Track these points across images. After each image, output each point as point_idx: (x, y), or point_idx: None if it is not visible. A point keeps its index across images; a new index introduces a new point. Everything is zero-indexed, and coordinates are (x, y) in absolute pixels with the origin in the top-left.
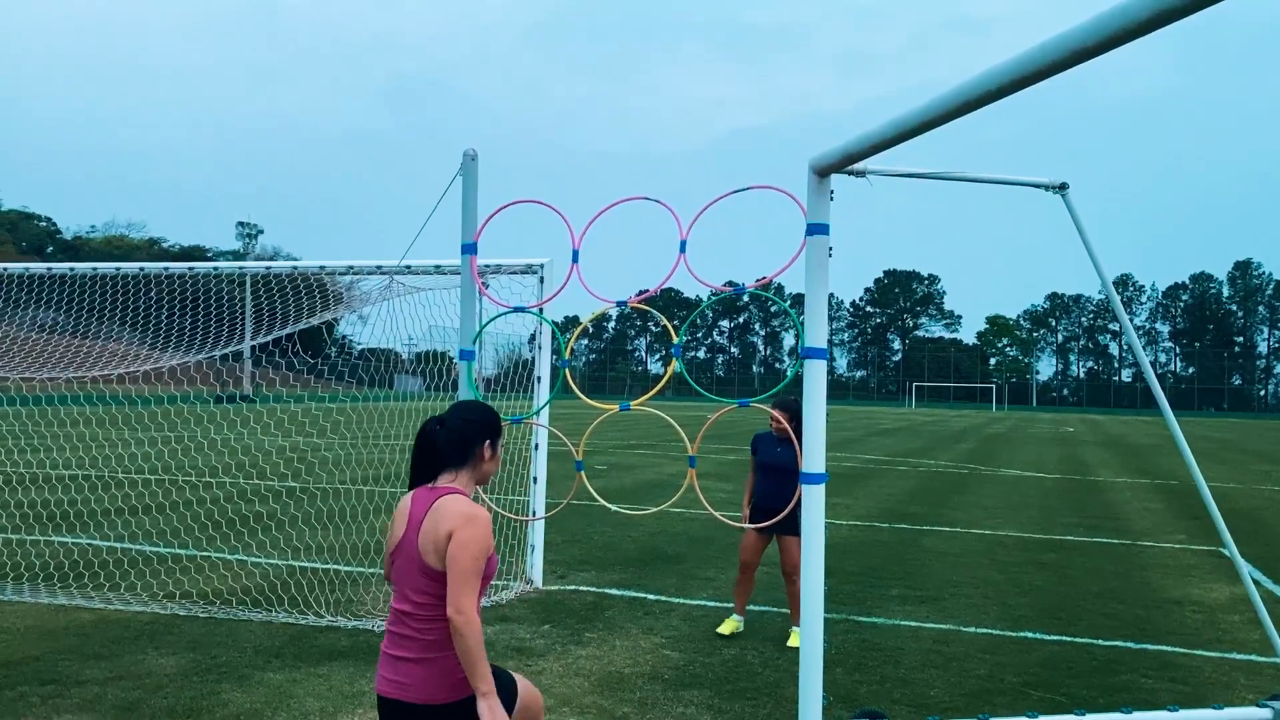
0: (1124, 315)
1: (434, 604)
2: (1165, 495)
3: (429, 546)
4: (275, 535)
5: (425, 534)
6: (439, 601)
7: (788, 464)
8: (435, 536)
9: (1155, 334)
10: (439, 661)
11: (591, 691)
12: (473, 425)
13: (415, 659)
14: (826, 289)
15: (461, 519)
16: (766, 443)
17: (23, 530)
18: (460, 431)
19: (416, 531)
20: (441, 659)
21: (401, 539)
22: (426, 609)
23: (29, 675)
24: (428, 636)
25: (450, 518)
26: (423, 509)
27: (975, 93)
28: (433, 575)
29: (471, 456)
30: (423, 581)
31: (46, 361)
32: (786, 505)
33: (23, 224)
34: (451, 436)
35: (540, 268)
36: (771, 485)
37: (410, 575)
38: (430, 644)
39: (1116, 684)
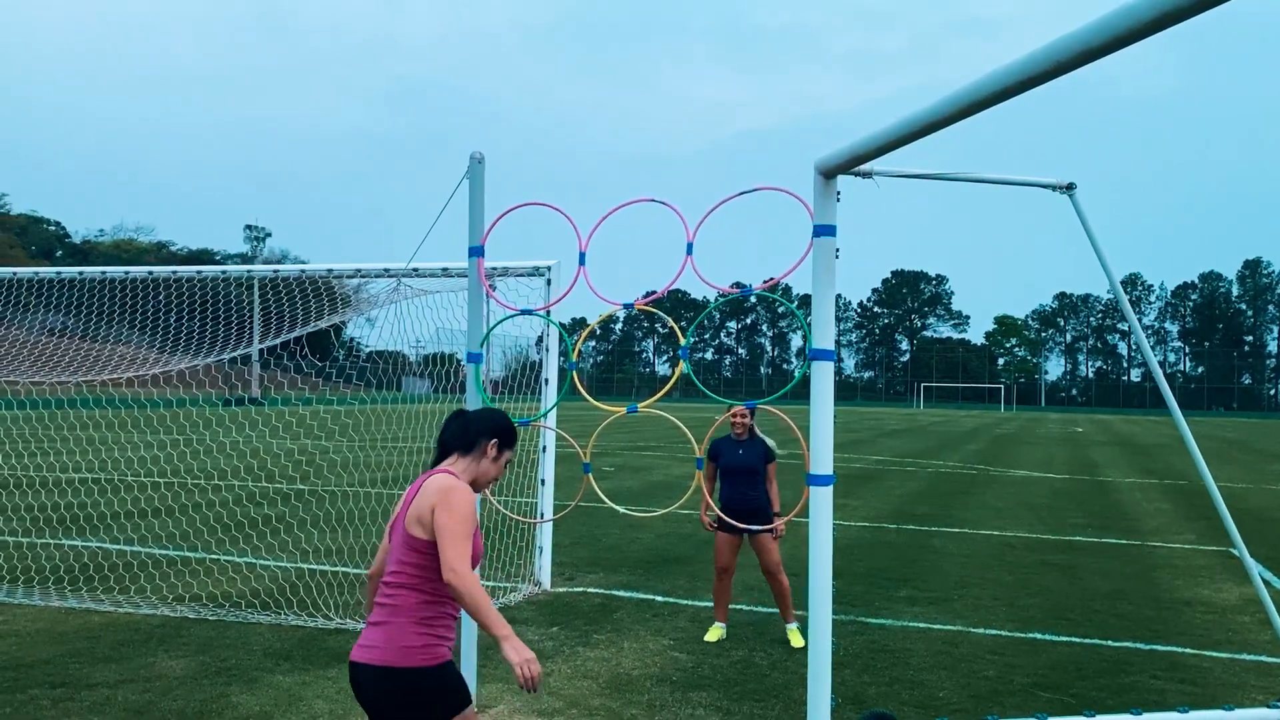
0: (1132, 315)
1: (408, 572)
2: (1174, 495)
3: (414, 518)
4: (284, 538)
5: (414, 508)
6: (413, 570)
7: (750, 465)
8: (420, 509)
9: (1164, 333)
10: (394, 626)
11: (600, 693)
12: (485, 420)
13: (380, 622)
14: (834, 290)
15: (444, 492)
16: (727, 447)
17: (33, 533)
18: (473, 422)
19: (405, 511)
20: (395, 624)
21: (396, 517)
22: (400, 576)
23: (39, 678)
24: (393, 602)
25: (435, 492)
26: (417, 487)
27: (983, 93)
28: (414, 545)
29: (475, 447)
30: (403, 552)
31: (56, 365)
32: (755, 505)
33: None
34: (464, 424)
35: (547, 270)
36: (737, 488)
37: (397, 548)
38: (392, 609)
39: (1126, 685)
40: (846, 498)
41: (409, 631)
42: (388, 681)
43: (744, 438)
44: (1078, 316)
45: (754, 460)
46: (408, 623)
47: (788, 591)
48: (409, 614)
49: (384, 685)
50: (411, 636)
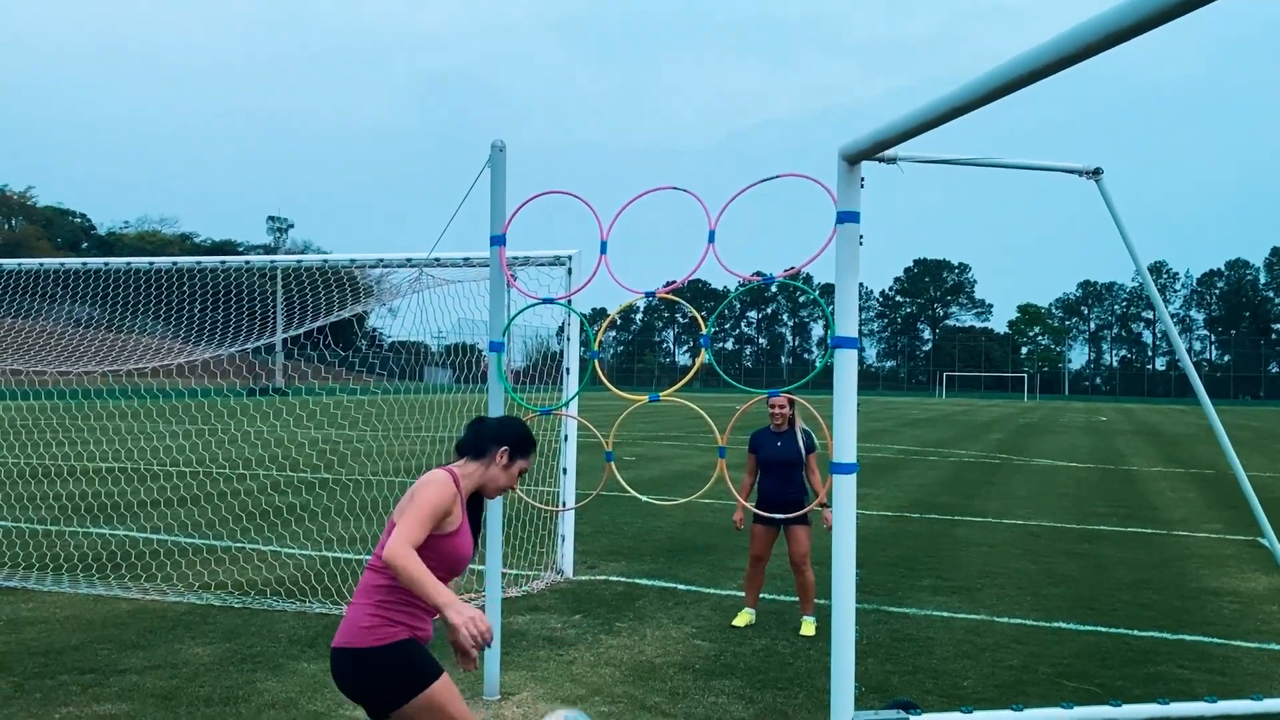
0: (1160, 301)
1: (375, 557)
2: (1201, 484)
3: (399, 509)
4: (308, 526)
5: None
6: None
7: (789, 458)
8: (405, 502)
9: (1190, 322)
10: (354, 607)
11: (623, 681)
12: (500, 428)
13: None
14: (857, 277)
15: (421, 484)
16: (765, 439)
17: (61, 522)
18: (488, 429)
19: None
20: (355, 605)
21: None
22: (371, 563)
23: (69, 664)
24: (359, 586)
25: (418, 486)
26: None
27: (1009, 77)
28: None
29: (486, 454)
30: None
31: (82, 356)
32: (793, 497)
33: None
34: (477, 432)
35: (568, 259)
36: (776, 480)
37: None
38: (357, 593)
39: (1152, 675)
40: (869, 487)
41: (363, 613)
42: (344, 662)
43: (783, 429)
44: (1102, 305)
45: (793, 453)
46: (365, 604)
47: (812, 585)
48: (366, 595)
49: (342, 666)
50: (365, 618)
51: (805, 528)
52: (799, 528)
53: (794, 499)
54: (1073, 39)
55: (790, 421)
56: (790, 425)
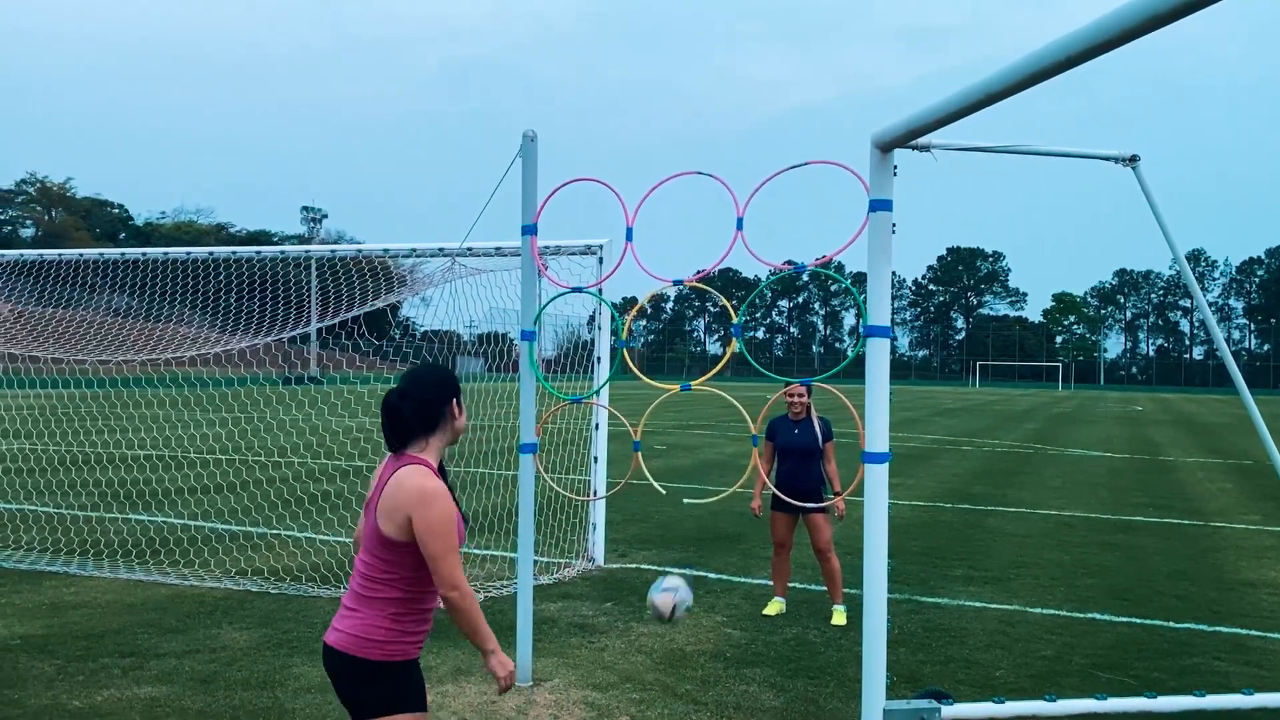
0: (1198, 290)
1: (379, 565)
2: (1239, 475)
3: (385, 516)
4: (343, 513)
5: (384, 503)
6: (386, 566)
7: (806, 445)
8: (392, 510)
9: (1229, 310)
10: (364, 616)
11: (654, 669)
12: (435, 390)
13: (351, 609)
14: (890, 265)
15: (418, 501)
16: (783, 426)
17: (101, 508)
18: (425, 399)
19: (378, 497)
20: (364, 615)
21: (368, 502)
22: (372, 569)
23: (110, 647)
24: (363, 593)
25: (407, 498)
26: (387, 476)
27: (1045, 62)
28: (384, 542)
29: (441, 420)
30: (374, 544)
31: (121, 345)
32: (810, 485)
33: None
34: (417, 407)
35: (599, 248)
36: (794, 467)
37: (368, 535)
38: (362, 599)
39: (1188, 667)
40: (901, 477)
41: (379, 627)
42: (353, 670)
43: (801, 417)
44: (1138, 293)
45: (810, 441)
46: (379, 616)
47: (838, 572)
48: (380, 608)
49: (348, 673)
50: (379, 632)
51: (825, 515)
52: (818, 516)
53: (810, 487)
54: (1111, 23)
55: (808, 410)
56: (808, 413)
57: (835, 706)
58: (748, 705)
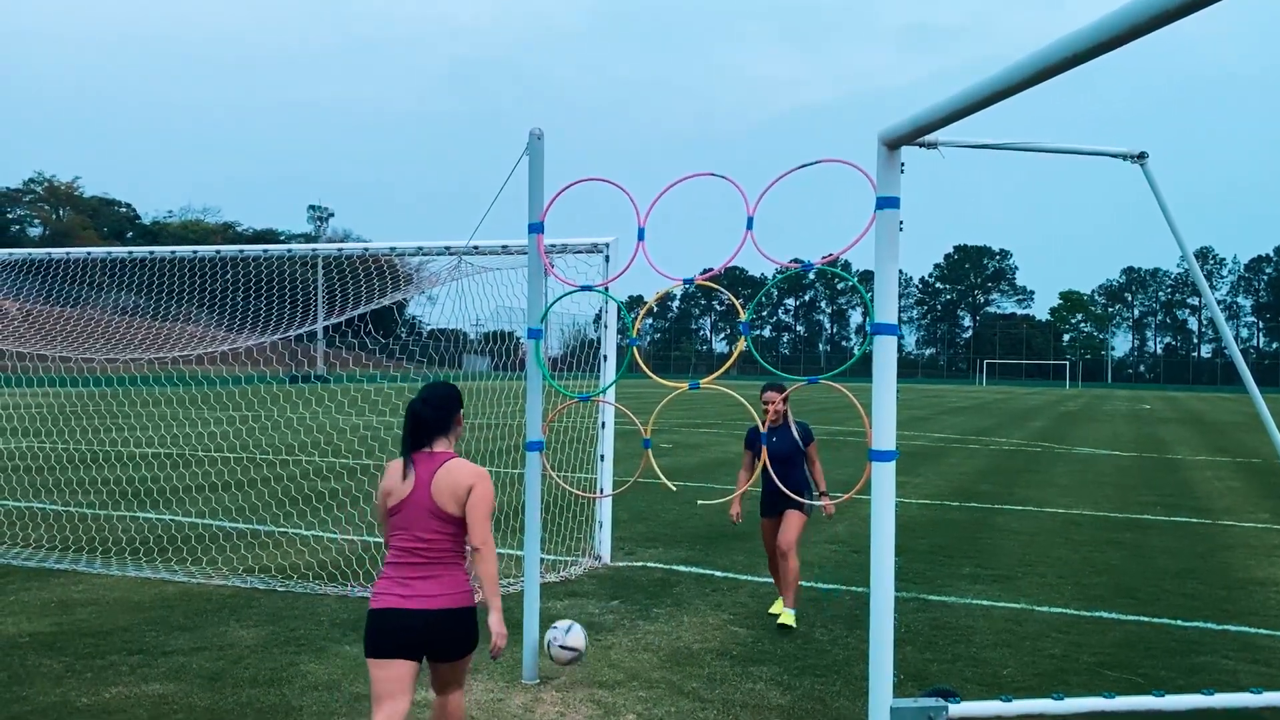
0: (1206, 288)
1: (442, 539)
2: (1247, 474)
3: (447, 497)
4: (350, 511)
5: (440, 489)
6: (446, 537)
7: (784, 452)
8: (454, 490)
9: (1237, 308)
10: (446, 577)
11: (660, 666)
12: (449, 400)
13: (430, 577)
14: (896, 263)
15: (477, 477)
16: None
17: (109, 506)
18: (443, 407)
19: (427, 487)
20: (450, 578)
21: (409, 496)
22: (436, 544)
23: (118, 645)
24: (440, 560)
25: (468, 477)
26: (429, 472)
27: (1052, 59)
28: (445, 518)
29: (451, 424)
30: (434, 524)
31: (129, 344)
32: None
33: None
34: (438, 413)
35: (606, 247)
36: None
37: (422, 520)
38: (442, 567)
39: (1196, 665)
40: (908, 475)
41: (465, 582)
42: (460, 619)
43: (777, 424)
44: (1146, 291)
45: (788, 448)
46: (461, 575)
47: (796, 575)
48: (459, 569)
49: (457, 623)
50: (466, 584)
51: (799, 515)
52: (793, 513)
53: (797, 489)
54: (1117, 20)
55: (785, 416)
56: (785, 419)
57: (842, 705)
58: (754, 703)
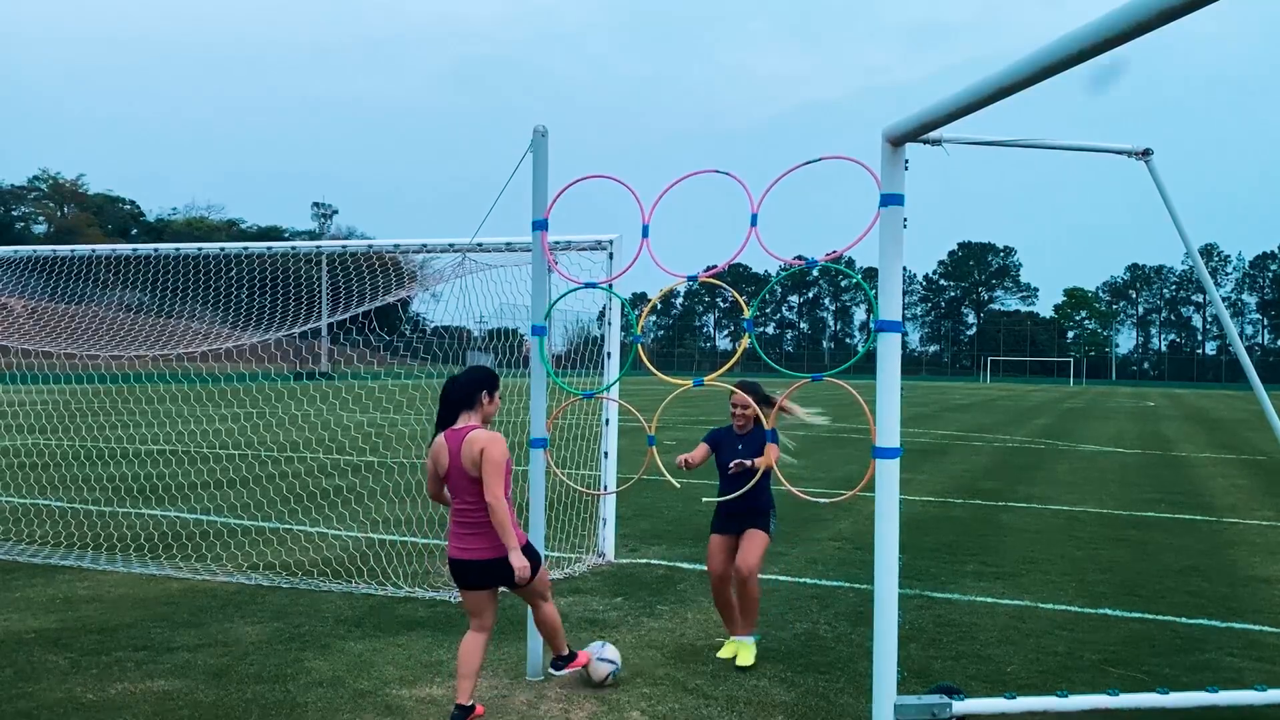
0: (1211, 284)
1: (478, 500)
2: (1252, 471)
3: (470, 464)
4: (354, 508)
5: (465, 456)
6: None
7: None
8: (472, 456)
9: (1242, 305)
10: (487, 535)
11: (664, 663)
12: (474, 381)
13: (475, 533)
14: (901, 260)
15: (487, 440)
16: (726, 439)
17: (114, 503)
18: (467, 386)
19: (458, 457)
20: (487, 531)
21: (450, 466)
22: (474, 503)
23: (123, 641)
24: (479, 519)
25: (480, 441)
26: (457, 443)
27: (1057, 56)
28: (476, 482)
29: (476, 402)
30: (469, 486)
31: (133, 341)
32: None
33: (108, 207)
34: (462, 390)
35: (609, 244)
36: (736, 487)
37: (463, 486)
38: (480, 523)
39: (1200, 662)
40: (912, 472)
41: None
42: (495, 565)
43: (747, 430)
44: (1150, 288)
45: (752, 458)
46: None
47: (754, 602)
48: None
49: (492, 569)
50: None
51: (763, 536)
52: (756, 533)
53: (752, 505)
54: (1123, 17)
55: (757, 421)
56: (757, 425)
57: (846, 702)
58: (758, 700)
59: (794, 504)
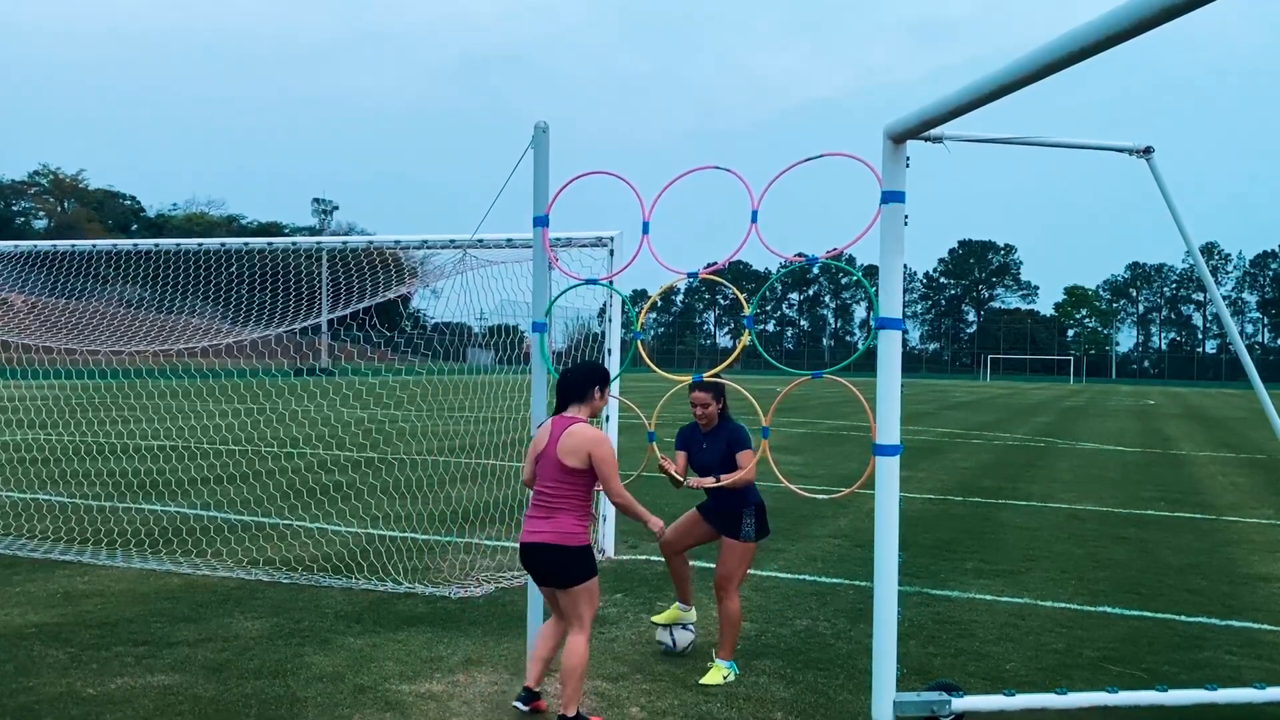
0: (1211, 283)
1: (561, 488)
2: (1252, 469)
3: (567, 453)
4: (354, 504)
5: (564, 445)
6: (565, 486)
7: (711, 463)
8: (575, 449)
9: (1242, 304)
10: (556, 518)
11: (664, 659)
12: (589, 375)
13: (545, 517)
14: (902, 257)
15: (597, 442)
16: (692, 438)
17: (114, 498)
18: (582, 380)
19: (555, 444)
20: (557, 517)
21: (544, 449)
22: (556, 490)
23: (123, 636)
24: (556, 506)
25: (586, 440)
26: (560, 430)
27: (1058, 53)
28: (566, 470)
29: (588, 395)
30: (558, 473)
31: (133, 336)
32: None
33: (108, 203)
34: (577, 382)
35: (610, 241)
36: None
37: (550, 470)
38: (554, 510)
39: (1199, 660)
40: (912, 469)
41: (568, 522)
42: (560, 554)
43: (708, 428)
44: (1151, 287)
45: (716, 457)
46: (568, 519)
47: (733, 619)
48: (567, 514)
49: (558, 558)
50: (572, 526)
51: (736, 547)
52: (731, 542)
53: (724, 508)
54: (1125, 14)
55: (722, 416)
56: (722, 420)
57: (845, 698)
58: (758, 696)
59: (793, 501)
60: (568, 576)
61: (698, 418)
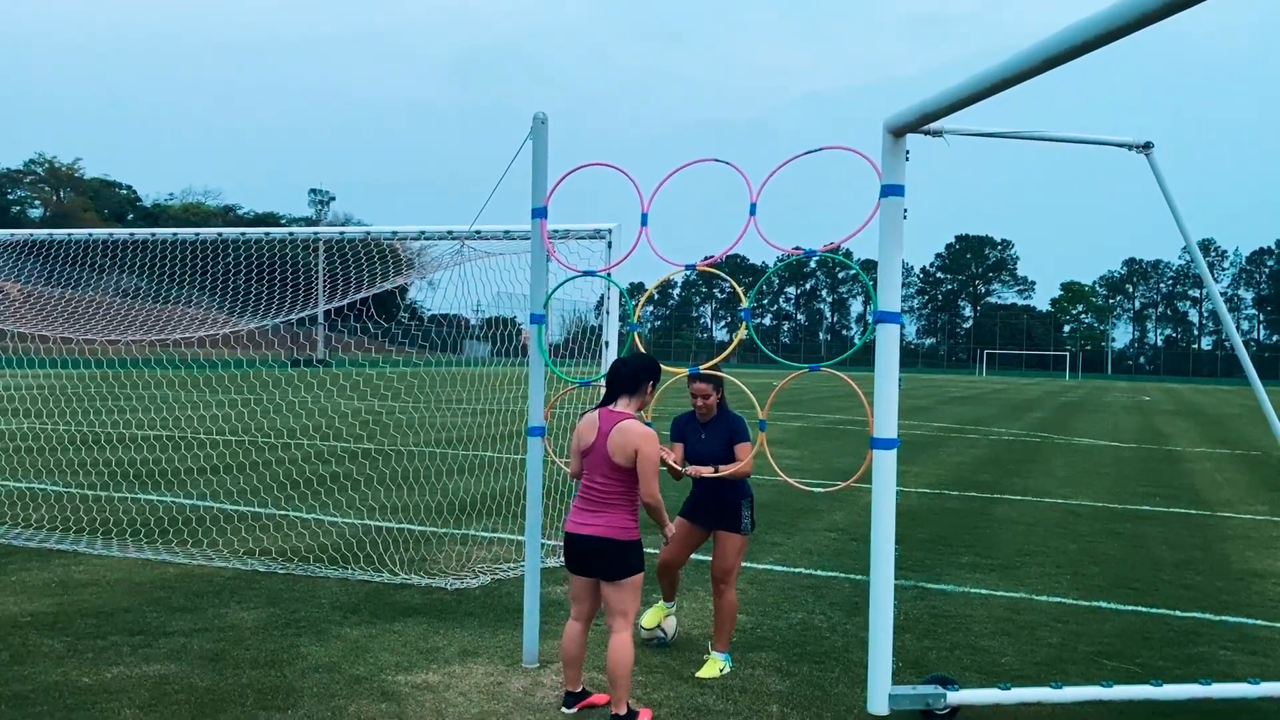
0: (1209, 279)
1: (611, 484)
2: (1247, 465)
3: (616, 450)
4: (350, 495)
5: (614, 442)
6: (616, 483)
7: (712, 454)
8: (624, 447)
9: (1238, 301)
10: (608, 514)
11: (659, 652)
12: (644, 369)
13: (596, 512)
14: (900, 250)
15: (643, 439)
16: (689, 429)
17: (110, 488)
18: (636, 374)
19: (605, 439)
20: (609, 513)
21: (593, 443)
22: (606, 486)
23: (119, 625)
24: (604, 500)
25: (635, 438)
26: (609, 425)
27: (1058, 48)
28: (616, 467)
29: (640, 389)
30: (607, 469)
31: (129, 326)
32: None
33: (104, 192)
34: (629, 374)
35: (608, 233)
36: (702, 481)
37: (599, 466)
38: (604, 505)
39: (1194, 655)
40: (908, 464)
41: (617, 518)
42: (610, 548)
43: (707, 418)
44: (1147, 283)
45: (716, 448)
46: (619, 514)
47: (731, 612)
48: (618, 508)
49: (607, 551)
50: (623, 521)
51: (738, 538)
52: (730, 536)
53: (721, 502)
54: (1125, 9)
55: (721, 407)
56: (720, 411)
57: (841, 691)
58: (753, 689)
59: (789, 494)
60: (620, 569)
61: (698, 408)
